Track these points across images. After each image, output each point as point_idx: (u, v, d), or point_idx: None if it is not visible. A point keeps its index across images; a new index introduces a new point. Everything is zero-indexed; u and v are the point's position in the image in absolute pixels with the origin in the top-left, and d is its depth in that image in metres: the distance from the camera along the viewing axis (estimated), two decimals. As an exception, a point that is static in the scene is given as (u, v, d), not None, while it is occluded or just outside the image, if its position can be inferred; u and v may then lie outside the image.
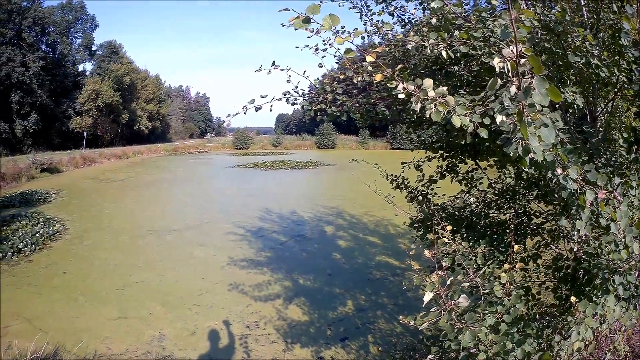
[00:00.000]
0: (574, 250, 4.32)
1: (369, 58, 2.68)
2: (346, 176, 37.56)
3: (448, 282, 2.96)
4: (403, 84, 2.61)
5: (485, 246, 4.87)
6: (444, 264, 3.53)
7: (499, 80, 2.30)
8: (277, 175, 40.04)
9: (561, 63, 3.49)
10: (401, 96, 2.65)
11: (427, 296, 2.86)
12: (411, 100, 2.62)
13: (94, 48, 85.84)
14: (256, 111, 3.77)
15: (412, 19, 5.42)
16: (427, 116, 2.57)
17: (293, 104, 4.22)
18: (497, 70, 2.25)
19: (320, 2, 4.54)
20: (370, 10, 5.77)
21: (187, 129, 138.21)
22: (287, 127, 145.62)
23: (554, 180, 2.79)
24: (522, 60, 2.13)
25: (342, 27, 3.49)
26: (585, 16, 3.83)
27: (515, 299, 3.08)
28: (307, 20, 2.19)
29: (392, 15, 5.73)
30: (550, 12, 3.45)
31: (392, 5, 5.61)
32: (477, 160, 5.40)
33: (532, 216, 5.21)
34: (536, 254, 4.97)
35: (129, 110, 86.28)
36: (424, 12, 4.68)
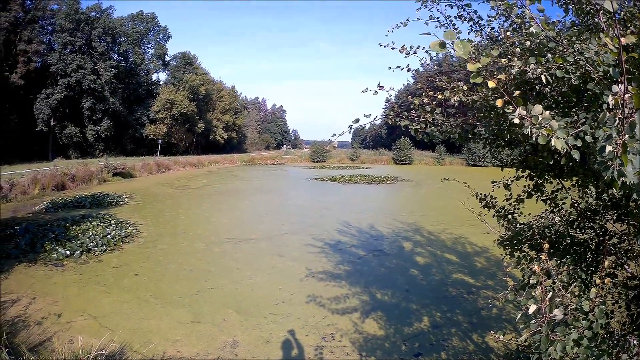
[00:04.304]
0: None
1: (491, 84, 2.99)
2: (424, 192, 37.99)
3: (549, 296, 3.27)
4: (519, 109, 2.94)
5: (570, 265, 5.06)
6: (531, 280, 3.84)
7: (607, 113, 2.64)
8: (355, 189, 40.53)
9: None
10: (516, 121, 2.92)
11: (532, 308, 3.20)
12: (523, 124, 2.93)
13: (167, 58, 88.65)
14: (360, 130, 4.11)
15: (500, 37, 5.58)
16: (534, 139, 2.87)
17: (395, 123, 4.50)
18: (611, 106, 2.60)
19: (407, 20, 4.97)
20: (457, 29, 6.00)
21: (263, 140, 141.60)
22: (363, 141, 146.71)
23: (638, 202, 3.04)
24: (626, 96, 2.47)
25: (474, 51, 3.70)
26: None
27: (599, 313, 3.30)
28: (443, 45, 2.55)
29: (478, 35, 5.95)
30: (626, 32, 3.61)
31: (479, 25, 5.85)
32: (561, 180, 5.56)
33: (608, 235, 5.35)
34: (612, 273, 5.12)
35: (204, 120, 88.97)
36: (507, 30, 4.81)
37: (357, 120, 4.00)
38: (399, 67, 4.84)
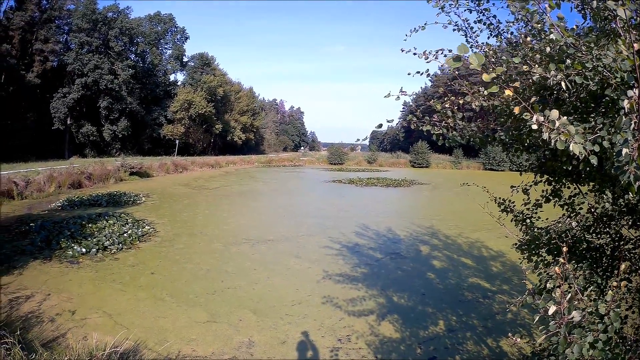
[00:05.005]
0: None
1: (507, 92, 3.08)
2: (441, 196, 38.16)
3: (568, 298, 3.33)
4: (536, 115, 3.03)
5: (586, 269, 5.12)
6: (548, 285, 3.90)
7: (624, 118, 2.72)
8: (372, 192, 40.57)
9: None
10: (534, 127, 3.02)
11: (552, 309, 3.28)
12: (542, 130, 3.01)
13: (185, 59, 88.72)
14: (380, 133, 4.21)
15: (519, 42, 5.61)
16: (553, 144, 2.96)
17: (417, 128, 4.56)
18: (627, 110, 2.68)
19: (425, 24, 5.07)
20: (474, 32, 6.05)
21: (281, 142, 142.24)
22: (381, 144, 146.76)
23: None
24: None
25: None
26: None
27: (614, 316, 3.36)
28: (458, 59, 2.64)
29: (500, 41, 5.99)
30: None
31: (498, 30, 5.90)
32: (578, 185, 5.60)
33: (623, 241, 5.40)
34: (627, 278, 5.15)
35: (222, 121, 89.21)
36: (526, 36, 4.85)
37: (380, 126, 4.09)
38: (418, 72, 4.89)
